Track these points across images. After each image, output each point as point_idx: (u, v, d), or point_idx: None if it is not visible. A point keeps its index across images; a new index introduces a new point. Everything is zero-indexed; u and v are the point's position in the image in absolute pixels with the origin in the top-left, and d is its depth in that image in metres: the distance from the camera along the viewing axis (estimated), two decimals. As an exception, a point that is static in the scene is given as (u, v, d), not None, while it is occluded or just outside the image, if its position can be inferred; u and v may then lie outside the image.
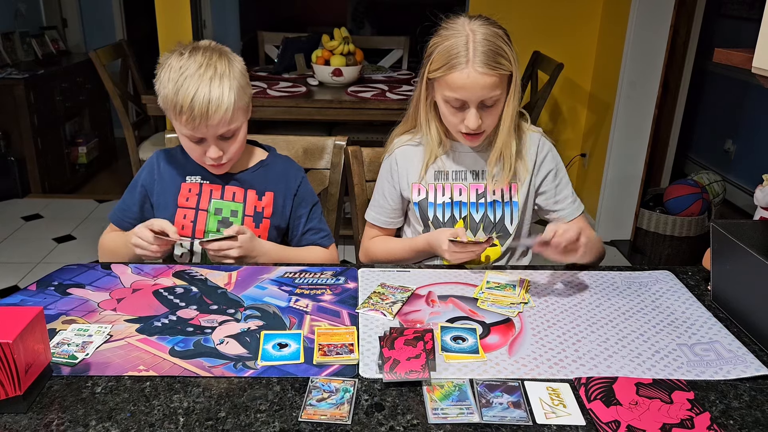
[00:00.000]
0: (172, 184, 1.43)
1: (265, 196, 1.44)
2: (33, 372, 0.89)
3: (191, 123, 1.28)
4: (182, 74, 1.27)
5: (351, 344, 1.03)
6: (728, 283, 1.16)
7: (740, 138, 4.08)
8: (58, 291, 1.19)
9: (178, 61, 1.30)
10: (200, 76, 1.27)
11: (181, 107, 1.27)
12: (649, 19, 3.13)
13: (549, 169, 1.47)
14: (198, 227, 1.41)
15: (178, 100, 1.27)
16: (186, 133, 1.32)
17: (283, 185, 1.46)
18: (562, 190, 1.48)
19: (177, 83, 1.27)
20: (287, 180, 1.47)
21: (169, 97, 1.29)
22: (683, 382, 0.95)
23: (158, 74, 1.33)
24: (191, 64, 1.28)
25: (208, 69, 1.28)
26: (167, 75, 1.29)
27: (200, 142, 1.33)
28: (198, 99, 1.26)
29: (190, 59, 1.29)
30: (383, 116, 2.85)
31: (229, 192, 1.43)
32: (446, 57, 1.30)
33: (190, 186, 1.43)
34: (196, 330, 1.07)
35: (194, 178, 1.43)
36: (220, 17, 4.66)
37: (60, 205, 3.84)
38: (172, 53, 1.33)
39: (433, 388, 0.93)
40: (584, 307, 1.18)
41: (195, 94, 1.26)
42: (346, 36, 3.07)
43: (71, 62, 4.38)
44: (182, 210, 1.42)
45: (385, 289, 1.22)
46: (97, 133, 4.54)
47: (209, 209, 1.42)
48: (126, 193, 1.47)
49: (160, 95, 1.32)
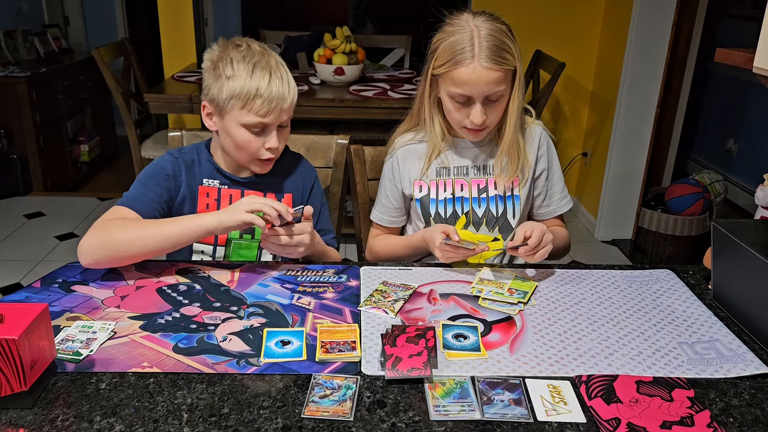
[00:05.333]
0: (190, 188, 1.41)
1: (284, 198, 1.44)
2: (38, 368, 0.90)
3: (266, 107, 1.29)
4: (250, 62, 1.30)
5: (353, 342, 1.04)
6: (729, 282, 1.16)
7: (742, 137, 4.08)
8: (63, 288, 1.20)
9: (239, 52, 1.32)
10: (267, 63, 1.32)
11: (256, 91, 1.28)
12: (651, 18, 3.13)
13: (545, 164, 1.49)
14: (220, 235, 1.39)
15: (253, 86, 1.28)
16: (252, 121, 1.30)
17: (300, 186, 1.47)
18: (553, 185, 1.51)
19: (249, 71, 1.29)
20: (303, 180, 1.49)
21: (241, 86, 1.28)
22: (683, 380, 0.96)
23: (215, 69, 1.31)
24: (253, 53, 1.32)
25: (270, 57, 1.34)
26: (233, 66, 1.30)
27: (262, 132, 1.33)
28: (275, 82, 1.30)
29: (250, 50, 1.32)
30: (385, 115, 2.85)
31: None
32: (451, 52, 1.31)
33: (208, 190, 1.41)
34: (199, 327, 1.08)
35: (212, 182, 1.41)
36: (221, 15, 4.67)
37: (62, 202, 3.85)
38: (222, 48, 1.34)
39: (435, 385, 0.94)
40: (585, 306, 1.18)
41: (270, 77, 1.30)
42: (348, 35, 3.07)
43: (73, 60, 4.39)
44: None
45: (387, 287, 1.22)
46: (98, 131, 4.55)
47: None
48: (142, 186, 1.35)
49: (226, 88, 1.29)
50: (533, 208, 1.53)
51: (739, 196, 4.02)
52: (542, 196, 1.51)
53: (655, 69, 3.22)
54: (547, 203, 1.51)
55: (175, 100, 2.85)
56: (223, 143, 1.38)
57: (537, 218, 1.54)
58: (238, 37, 1.38)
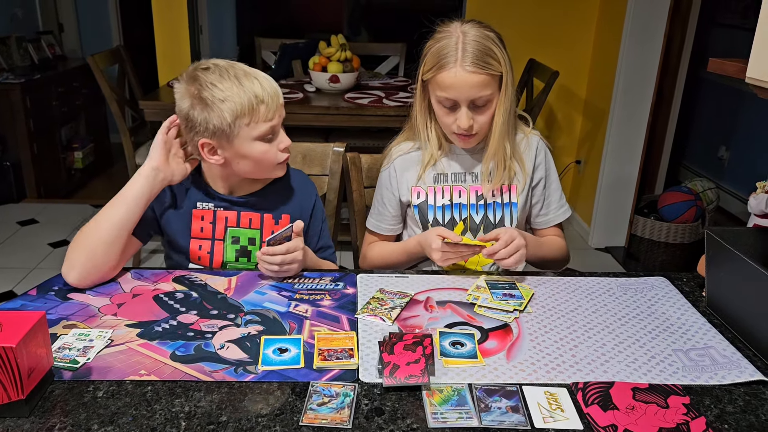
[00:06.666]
0: (182, 210, 1.38)
1: (282, 219, 1.40)
2: (35, 376, 0.90)
3: (270, 109, 1.27)
4: (230, 76, 1.25)
5: (351, 349, 1.04)
6: (723, 289, 1.17)
7: (734, 145, 4.11)
8: (59, 296, 1.20)
9: (211, 73, 1.25)
10: (242, 69, 1.27)
11: (256, 99, 1.24)
12: (644, 27, 3.16)
13: (543, 173, 1.50)
14: (216, 258, 1.38)
15: (250, 96, 1.24)
16: (264, 130, 1.27)
17: (298, 205, 1.44)
18: (551, 194, 1.52)
19: (236, 84, 1.24)
20: (302, 199, 1.45)
21: (240, 101, 1.24)
22: (679, 387, 0.97)
23: (202, 101, 1.24)
24: (223, 68, 1.26)
25: (236, 64, 1.29)
26: (219, 87, 1.23)
27: (274, 136, 1.31)
28: (262, 82, 1.27)
29: (218, 67, 1.26)
30: (380, 122, 2.87)
31: (245, 218, 1.38)
32: (437, 57, 1.33)
33: (203, 213, 1.37)
34: (196, 335, 1.08)
35: (206, 205, 1.38)
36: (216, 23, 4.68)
37: (55, 209, 3.84)
38: (191, 81, 1.26)
39: (433, 393, 0.94)
40: (581, 313, 1.19)
41: (256, 80, 1.26)
42: (343, 43, 3.08)
43: (67, 67, 4.38)
44: (197, 241, 1.37)
45: (384, 295, 1.23)
46: (92, 137, 4.55)
47: (225, 239, 1.38)
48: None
49: (227, 110, 1.23)
50: (531, 217, 1.54)
51: (732, 204, 4.04)
52: (539, 205, 1.52)
53: (648, 77, 3.25)
54: (545, 212, 1.52)
55: (171, 107, 2.83)
56: (238, 168, 1.32)
57: (535, 227, 1.55)
58: (192, 64, 1.30)
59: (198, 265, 1.39)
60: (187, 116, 1.27)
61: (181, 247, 1.38)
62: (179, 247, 1.38)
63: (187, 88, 1.27)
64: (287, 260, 1.26)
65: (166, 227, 1.38)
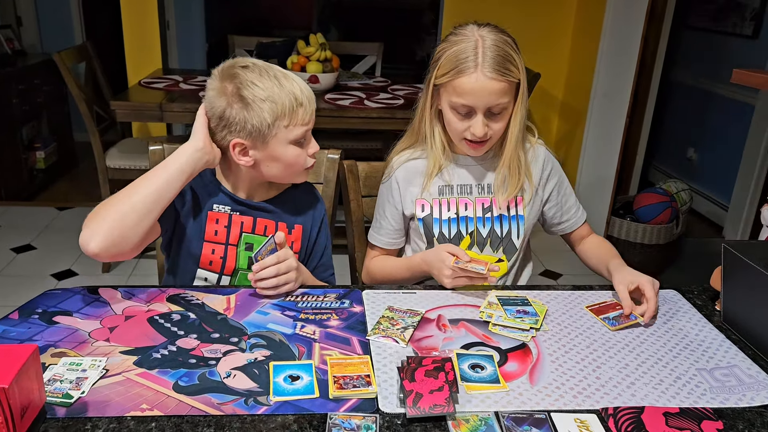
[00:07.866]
0: (198, 211, 1.31)
1: (295, 229, 1.37)
2: (29, 416, 0.81)
3: (307, 114, 1.24)
4: (269, 75, 1.21)
5: (367, 375, 0.98)
6: (740, 304, 1.15)
7: (702, 146, 4.17)
8: (43, 319, 1.10)
9: (251, 71, 1.21)
10: (280, 70, 1.24)
11: (295, 101, 1.21)
12: (622, 30, 3.17)
13: (555, 182, 1.47)
14: (228, 264, 1.32)
15: (290, 97, 1.20)
16: (299, 133, 1.23)
17: (310, 219, 1.40)
18: (567, 200, 1.50)
19: (276, 84, 1.20)
20: (314, 212, 1.41)
21: (282, 102, 1.19)
22: (710, 410, 0.94)
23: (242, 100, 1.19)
24: (261, 67, 1.22)
25: (270, 65, 1.25)
26: (260, 86, 1.19)
27: (306, 141, 1.27)
28: (300, 84, 1.24)
29: (256, 65, 1.22)
30: (362, 124, 2.80)
31: (260, 225, 1.33)
32: (454, 62, 1.27)
33: (218, 216, 1.31)
34: (199, 362, 1.00)
35: (223, 208, 1.32)
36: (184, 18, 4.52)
37: (18, 212, 3.66)
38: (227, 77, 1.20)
39: (459, 423, 0.89)
40: (597, 330, 1.15)
41: (294, 81, 1.23)
42: (323, 42, 3.00)
43: (27, 63, 4.18)
44: (210, 245, 1.31)
45: (394, 313, 1.17)
46: (55, 137, 4.35)
47: (239, 245, 1.32)
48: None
49: (268, 110, 1.19)
50: (550, 225, 1.52)
51: (701, 204, 4.11)
52: (559, 212, 1.49)
53: (626, 80, 3.25)
54: (567, 217, 1.50)
55: (144, 107, 2.73)
56: (267, 171, 1.27)
57: (560, 233, 1.53)
58: (227, 61, 1.25)
59: (208, 270, 1.32)
60: (222, 115, 1.21)
61: (192, 250, 1.31)
62: (190, 250, 1.31)
63: (223, 85, 1.21)
64: (282, 269, 1.20)
65: (180, 227, 1.31)
